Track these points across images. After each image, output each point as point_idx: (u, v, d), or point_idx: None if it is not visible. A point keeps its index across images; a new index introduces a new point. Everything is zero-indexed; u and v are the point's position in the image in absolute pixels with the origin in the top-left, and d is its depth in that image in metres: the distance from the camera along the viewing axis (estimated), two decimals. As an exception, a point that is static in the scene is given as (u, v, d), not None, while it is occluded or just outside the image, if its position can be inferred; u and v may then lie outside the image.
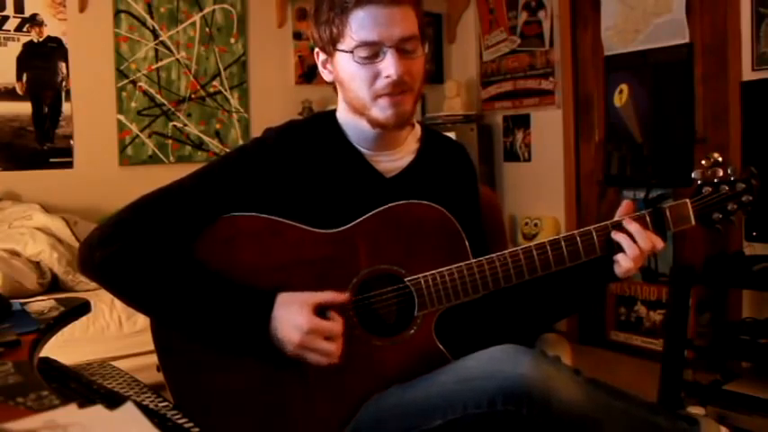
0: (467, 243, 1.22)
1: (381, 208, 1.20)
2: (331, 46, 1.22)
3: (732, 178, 1.26)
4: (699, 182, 1.27)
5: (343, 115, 1.29)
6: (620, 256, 1.21)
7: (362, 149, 1.28)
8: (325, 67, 1.27)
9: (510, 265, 1.20)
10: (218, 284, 1.13)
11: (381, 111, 1.21)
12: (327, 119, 1.30)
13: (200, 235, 1.16)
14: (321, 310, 1.13)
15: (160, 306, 1.14)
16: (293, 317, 1.10)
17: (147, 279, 1.13)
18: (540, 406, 0.99)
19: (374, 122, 1.23)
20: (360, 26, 1.16)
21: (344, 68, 1.21)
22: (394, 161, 1.30)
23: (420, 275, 1.19)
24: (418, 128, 1.37)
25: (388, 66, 1.17)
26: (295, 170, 1.23)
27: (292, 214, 1.19)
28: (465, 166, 1.41)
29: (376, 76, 1.18)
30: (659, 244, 1.21)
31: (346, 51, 1.19)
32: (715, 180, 1.26)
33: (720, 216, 1.26)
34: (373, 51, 1.17)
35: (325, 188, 1.24)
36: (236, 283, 1.14)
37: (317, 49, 1.27)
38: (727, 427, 1.21)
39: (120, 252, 1.13)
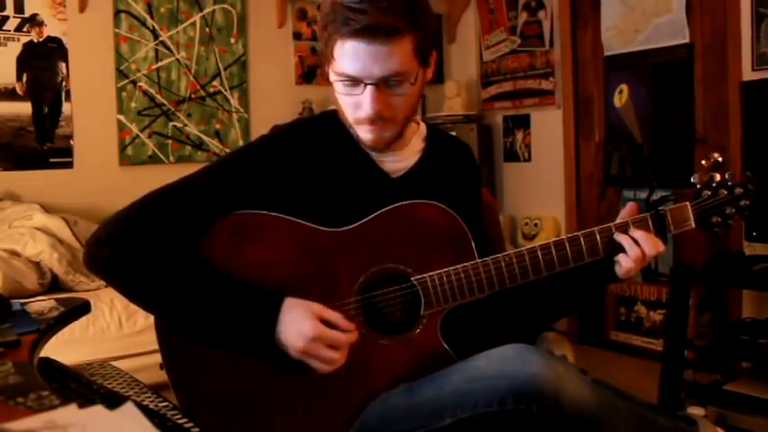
0: (473, 243, 1.23)
1: (388, 207, 1.21)
2: (325, 59, 1.22)
3: (730, 183, 1.28)
4: (698, 186, 1.29)
5: None
6: (621, 257, 1.22)
7: (368, 150, 1.28)
8: (325, 70, 1.28)
9: (515, 265, 1.20)
10: (225, 284, 1.13)
11: (363, 134, 1.22)
12: (334, 118, 1.30)
13: (207, 232, 1.17)
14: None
15: (167, 304, 1.14)
16: (299, 323, 1.10)
17: (155, 277, 1.13)
18: (551, 405, 0.99)
19: (358, 139, 1.25)
20: (342, 58, 1.15)
21: (335, 87, 1.22)
22: (400, 161, 1.31)
23: (426, 275, 1.19)
24: (423, 127, 1.37)
25: (364, 102, 1.17)
26: (302, 168, 1.24)
27: (299, 212, 1.19)
28: (469, 166, 1.41)
29: (357, 105, 1.19)
30: (660, 247, 1.22)
31: (330, 79, 1.20)
32: (713, 184, 1.29)
33: (719, 220, 1.29)
34: (353, 84, 1.17)
35: (332, 187, 1.24)
36: (243, 284, 1.14)
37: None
38: (724, 429, 1.22)
39: (128, 249, 1.13)
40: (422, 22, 1.16)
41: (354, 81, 1.16)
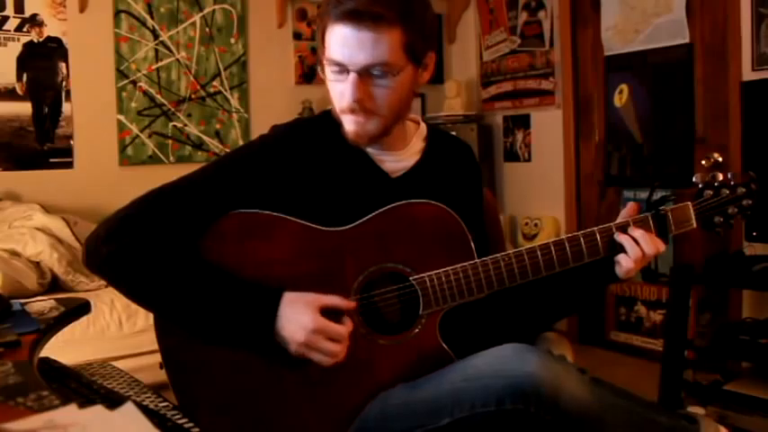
0: (472, 243, 1.22)
1: (387, 207, 1.21)
2: (320, 48, 1.23)
3: (732, 182, 1.28)
4: (700, 185, 1.28)
5: None
6: (621, 257, 1.22)
7: (368, 149, 1.28)
8: (321, 66, 1.28)
9: (515, 265, 1.20)
10: (224, 281, 1.14)
11: (347, 125, 1.22)
12: (333, 118, 1.31)
13: (207, 231, 1.17)
14: (327, 311, 1.13)
15: (166, 302, 1.14)
16: (299, 316, 1.11)
17: (154, 275, 1.13)
18: (549, 404, 1.00)
19: (344, 132, 1.24)
20: (331, 43, 1.17)
21: (326, 75, 1.22)
22: (399, 161, 1.31)
23: (425, 274, 1.19)
24: (423, 127, 1.37)
25: (345, 89, 1.17)
26: (301, 167, 1.24)
27: (298, 211, 1.19)
28: (470, 166, 1.41)
29: (342, 93, 1.19)
30: (661, 247, 1.22)
31: (323, 62, 1.21)
32: (716, 184, 1.28)
33: (721, 219, 1.28)
34: (339, 70, 1.17)
35: (331, 186, 1.24)
36: (242, 280, 1.14)
37: None
38: (726, 427, 1.22)
39: (128, 247, 1.13)
40: (416, 18, 1.17)
41: (341, 67, 1.17)
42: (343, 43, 1.14)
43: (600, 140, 3.58)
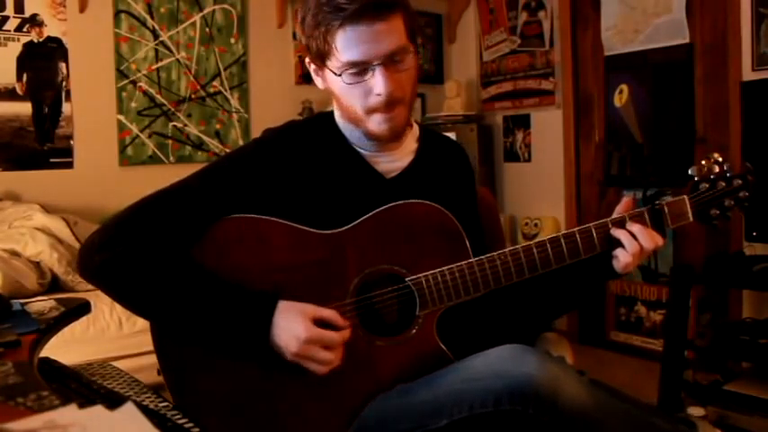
0: (467, 242, 1.22)
1: (382, 208, 1.20)
2: (320, 60, 1.21)
3: (728, 174, 1.26)
4: (696, 178, 1.28)
5: (341, 119, 1.29)
6: (618, 252, 1.21)
7: (362, 151, 1.28)
8: (318, 75, 1.27)
9: (510, 263, 1.20)
10: (219, 288, 1.13)
11: (376, 125, 1.21)
12: (327, 120, 1.30)
13: (202, 236, 1.16)
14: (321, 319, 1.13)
15: (160, 310, 1.13)
16: (292, 325, 1.10)
17: (148, 283, 1.12)
18: (547, 405, 0.99)
19: (370, 134, 1.24)
20: (345, 46, 1.15)
21: (335, 84, 1.21)
22: (393, 162, 1.30)
23: (421, 275, 1.19)
24: (416, 127, 1.37)
25: (378, 84, 1.16)
26: (295, 170, 1.23)
27: (293, 215, 1.19)
28: (463, 166, 1.41)
29: (367, 92, 1.18)
30: (660, 241, 1.22)
31: (335, 73, 1.19)
32: (711, 176, 1.27)
33: (718, 212, 1.27)
34: (361, 69, 1.17)
35: (326, 189, 1.24)
36: (237, 287, 1.13)
37: (307, 59, 1.25)
38: (724, 430, 1.22)
39: (121, 255, 1.12)
40: (408, 1, 1.20)
41: (362, 66, 1.16)
42: (360, 41, 1.14)
43: (600, 140, 3.58)
